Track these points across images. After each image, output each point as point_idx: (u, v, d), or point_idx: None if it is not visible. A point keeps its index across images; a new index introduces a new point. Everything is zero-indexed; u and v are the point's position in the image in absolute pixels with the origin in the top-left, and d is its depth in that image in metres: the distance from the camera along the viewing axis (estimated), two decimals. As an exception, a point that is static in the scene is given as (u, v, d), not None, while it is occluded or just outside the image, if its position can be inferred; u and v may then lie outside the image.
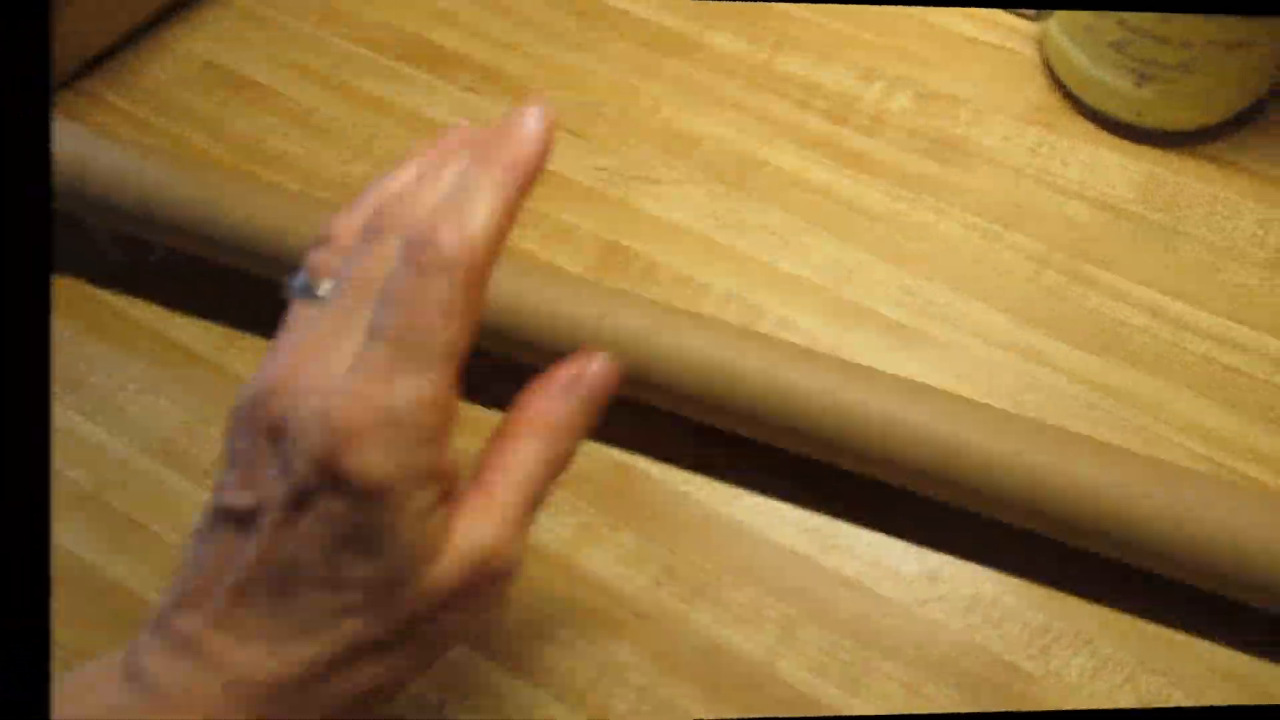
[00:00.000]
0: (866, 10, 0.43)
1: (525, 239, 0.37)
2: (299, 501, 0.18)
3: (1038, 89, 0.40)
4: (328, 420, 0.17)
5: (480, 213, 0.18)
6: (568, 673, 0.28)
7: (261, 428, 0.18)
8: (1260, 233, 0.37)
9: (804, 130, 0.39)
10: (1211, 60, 0.35)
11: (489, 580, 0.19)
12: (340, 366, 0.18)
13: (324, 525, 0.17)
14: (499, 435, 0.21)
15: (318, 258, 0.20)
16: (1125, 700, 0.28)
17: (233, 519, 0.18)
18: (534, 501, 0.20)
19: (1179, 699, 0.28)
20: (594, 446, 0.32)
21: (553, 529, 0.31)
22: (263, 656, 0.18)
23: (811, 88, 0.40)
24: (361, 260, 0.19)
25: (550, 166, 0.43)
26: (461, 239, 0.17)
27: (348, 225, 0.21)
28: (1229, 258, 0.36)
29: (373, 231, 0.19)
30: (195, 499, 0.32)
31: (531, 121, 0.19)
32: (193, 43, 0.42)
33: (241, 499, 0.18)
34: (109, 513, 0.32)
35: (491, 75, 0.41)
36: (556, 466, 0.21)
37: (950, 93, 0.40)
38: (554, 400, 0.21)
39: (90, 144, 0.34)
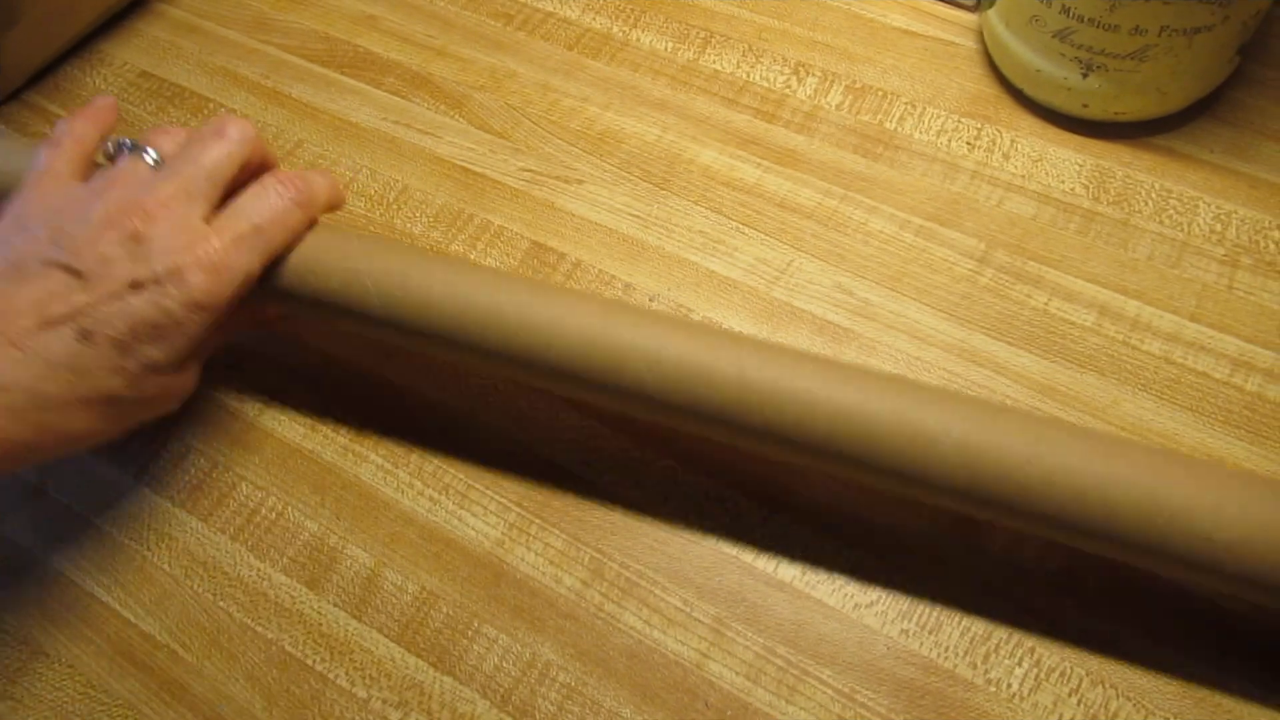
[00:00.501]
0: (796, 5, 0.41)
1: (453, 241, 0.36)
2: (138, 284, 0.24)
3: (976, 81, 0.38)
4: (195, 252, 0.25)
5: (323, 192, 0.29)
6: (493, 670, 0.27)
7: (125, 230, 0.25)
8: (1218, 227, 0.34)
9: (732, 128, 0.37)
10: (1168, 48, 0.33)
11: (178, 397, 0.27)
12: (197, 221, 0.26)
13: (149, 307, 0.24)
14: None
15: (155, 137, 0.28)
16: (1071, 713, 0.26)
17: (64, 270, 0.24)
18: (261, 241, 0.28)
19: (1128, 712, 0.25)
20: (523, 448, 0.31)
21: (482, 528, 0.29)
22: (34, 379, 0.23)
23: (740, 85, 0.39)
24: (209, 152, 0.27)
25: (476, 168, 0.42)
26: (317, 197, 0.28)
27: (173, 134, 0.28)
28: (1184, 253, 0.34)
29: (218, 135, 0.27)
30: (134, 493, 0.31)
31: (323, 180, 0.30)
32: (129, 53, 0.42)
33: (81, 261, 0.24)
34: (52, 505, 0.31)
35: (417, 79, 0.40)
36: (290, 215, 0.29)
37: (883, 87, 0.38)
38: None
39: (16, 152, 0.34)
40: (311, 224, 0.28)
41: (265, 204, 0.27)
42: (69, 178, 0.27)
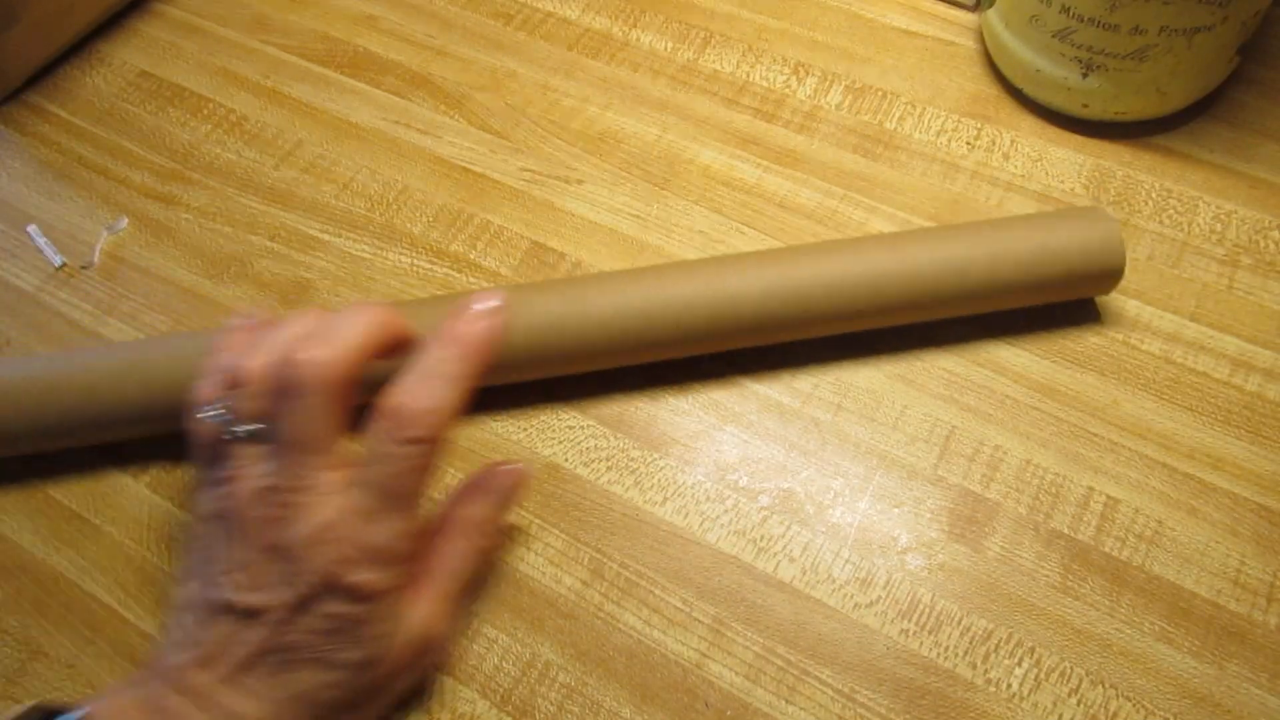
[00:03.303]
0: (796, 5, 0.41)
1: (453, 241, 0.36)
2: (301, 606, 0.22)
3: (976, 81, 0.38)
4: (329, 551, 0.22)
5: (446, 395, 0.23)
6: (493, 671, 0.27)
7: (264, 545, 0.23)
8: (1218, 227, 0.34)
9: (732, 128, 0.37)
10: (1168, 48, 0.33)
11: (426, 652, 0.25)
12: (331, 511, 0.23)
13: (324, 621, 0.22)
14: (432, 532, 0.26)
15: (237, 403, 0.24)
16: (1071, 713, 0.26)
17: (237, 612, 0.23)
18: (462, 587, 0.26)
19: (1128, 712, 0.25)
20: (523, 446, 0.31)
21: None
22: (265, 714, 0.22)
23: (740, 85, 0.39)
24: (309, 424, 0.23)
25: (476, 168, 0.42)
26: (432, 418, 0.23)
27: (250, 371, 0.24)
28: (1184, 253, 0.34)
29: (297, 393, 0.23)
30: (133, 494, 0.31)
31: (489, 300, 0.25)
32: (129, 53, 0.42)
33: (251, 599, 0.23)
34: (52, 505, 0.31)
35: (417, 79, 0.40)
36: (480, 556, 0.26)
37: (883, 87, 0.38)
38: (474, 503, 0.26)
39: None
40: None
41: (379, 462, 0.22)
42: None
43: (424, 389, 0.23)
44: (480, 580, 0.28)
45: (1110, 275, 0.30)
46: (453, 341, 0.23)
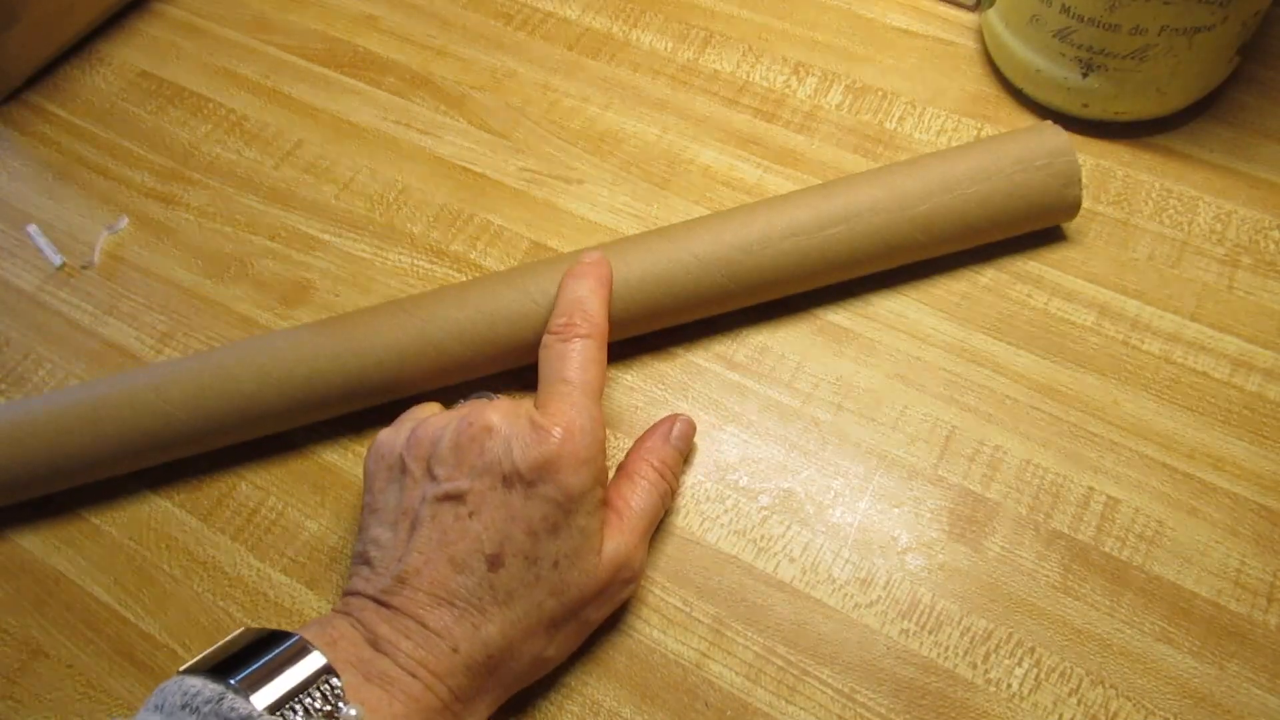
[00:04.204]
0: (796, 5, 0.41)
1: (453, 241, 0.36)
2: (510, 481, 0.24)
3: (976, 81, 0.38)
4: (544, 432, 0.25)
5: (590, 303, 0.28)
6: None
7: (475, 433, 0.25)
8: (1218, 227, 0.34)
9: (732, 128, 0.37)
10: (1168, 48, 0.33)
11: (621, 583, 0.26)
12: (532, 409, 0.26)
13: (537, 505, 0.24)
14: (621, 473, 0.28)
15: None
16: (1070, 713, 0.26)
17: (450, 500, 0.24)
18: (649, 525, 0.27)
19: (1128, 712, 0.25)
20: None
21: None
22: (472, 630, 0.23)
23: (740, 85, 0.39)
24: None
25: (476, 168, 0.42)
26: (585, 320, 0.28)
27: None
28: (1184, 253, 0.34)
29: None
30: (134, 493, 0.31)
31: (593, 252, 0.30)
32: (129, 53, 0.42)
33: (458, 485, 0.24)
34: (52, 505, 0.31)
35: (417, 79, 0.40)
36: (663, 498, 0.28)
37: (883, 87, 0.38)
38: (654, 450, 0.28)
39: None
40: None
41: (570, 365, 0.27)
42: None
43: (573, 306, 0.28)
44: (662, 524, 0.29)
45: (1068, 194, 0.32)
46: (578, 275, 0.29)
